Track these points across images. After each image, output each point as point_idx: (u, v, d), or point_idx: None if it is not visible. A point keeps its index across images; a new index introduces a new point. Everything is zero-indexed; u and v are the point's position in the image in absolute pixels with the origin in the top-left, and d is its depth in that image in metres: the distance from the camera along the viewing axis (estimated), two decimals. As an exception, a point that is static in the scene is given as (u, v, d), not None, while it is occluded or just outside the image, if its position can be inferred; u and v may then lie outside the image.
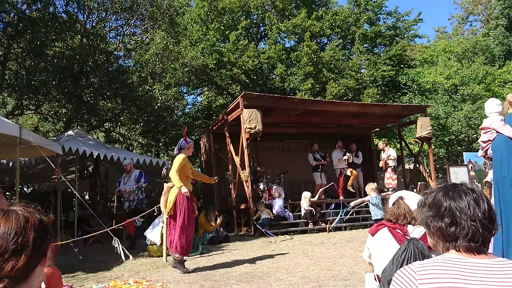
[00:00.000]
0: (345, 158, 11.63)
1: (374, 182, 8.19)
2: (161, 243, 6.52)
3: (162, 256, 6.37)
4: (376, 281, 2.92)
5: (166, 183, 6.69)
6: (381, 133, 16.57)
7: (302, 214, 10.01)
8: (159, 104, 12.64)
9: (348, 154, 11.73)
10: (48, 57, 11.02)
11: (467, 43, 23.24)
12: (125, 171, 8.79)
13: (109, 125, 15.05)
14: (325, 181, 11.40)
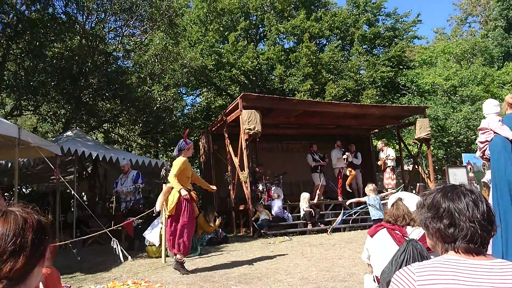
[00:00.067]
0: (344, 157, 11.63)
1: (373, 183, 8.23)
2: (160, 244, 6.52)
3: (161, 257, 6.37)
4: (375, 282, 2.92)
5: (165, 184, 6.69)
6: (380, 134, 16.58)
7: (301, 215, 10.00)
8: (158, 105, 12.63)
9: (347, 153, 11.74)
10: (47, 58, 11.02)
11: (466, 44, 23.29)
12: (123, 172, 8.80)
13: (108, 126, 15.04)
14: (324, 182, 11.41)
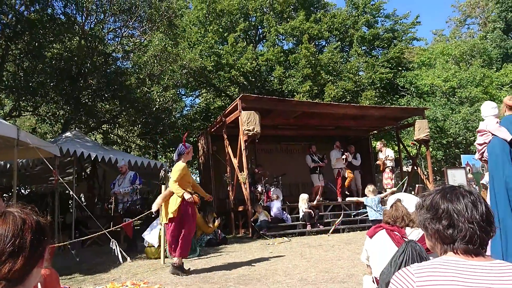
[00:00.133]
0: (343, 157, 11.64)
1: (372, 185, 8.27)
2: (159, 245, 6.51)
3: (160, 258, 6.36)
4: (374, 283, 2.92)
5: (163, 185, 6.69)
6: (379, 136, 16.61)
7: (300, 216, 10.00)
8: (157, 106, 12.62)
9: (346, 154, 11.74)
10: (46, 59, 11.00)
11: (464, 46, 23.36)
12: (121, 173, 8.79)
13: (107, 126, 15.02)
14: (323, 183, 11.42)
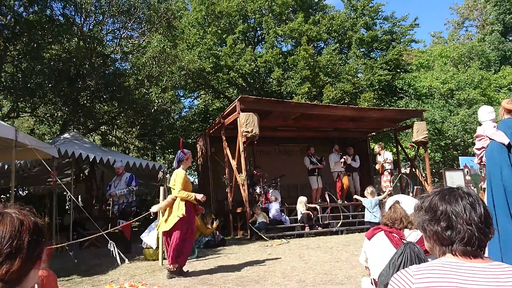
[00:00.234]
0: (341, 160, 11.65)
1: (372, 186, 8.33)
2: (157, 247, 6.50)
3: (158, 259, 6.35)
4: (372, 285, 2.92)
5: (162, 186, 6.68)
6: (377, 137, 16.63)
7: (299, 218, 10.00)
8: (155, 107, 12.62)
9: (345, 157, 11.75)
10: (45, 60, 10.99)
11: (463, 48, 23.43)
12: (117, 174, 8.76)
13: (106, 128, 15.01)
14: (321, 185, 11.42)
